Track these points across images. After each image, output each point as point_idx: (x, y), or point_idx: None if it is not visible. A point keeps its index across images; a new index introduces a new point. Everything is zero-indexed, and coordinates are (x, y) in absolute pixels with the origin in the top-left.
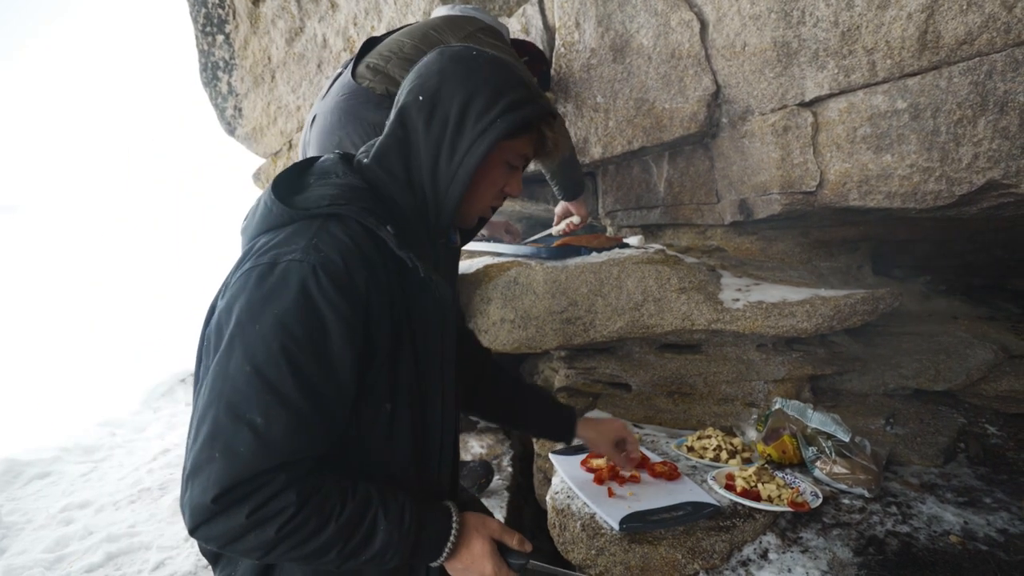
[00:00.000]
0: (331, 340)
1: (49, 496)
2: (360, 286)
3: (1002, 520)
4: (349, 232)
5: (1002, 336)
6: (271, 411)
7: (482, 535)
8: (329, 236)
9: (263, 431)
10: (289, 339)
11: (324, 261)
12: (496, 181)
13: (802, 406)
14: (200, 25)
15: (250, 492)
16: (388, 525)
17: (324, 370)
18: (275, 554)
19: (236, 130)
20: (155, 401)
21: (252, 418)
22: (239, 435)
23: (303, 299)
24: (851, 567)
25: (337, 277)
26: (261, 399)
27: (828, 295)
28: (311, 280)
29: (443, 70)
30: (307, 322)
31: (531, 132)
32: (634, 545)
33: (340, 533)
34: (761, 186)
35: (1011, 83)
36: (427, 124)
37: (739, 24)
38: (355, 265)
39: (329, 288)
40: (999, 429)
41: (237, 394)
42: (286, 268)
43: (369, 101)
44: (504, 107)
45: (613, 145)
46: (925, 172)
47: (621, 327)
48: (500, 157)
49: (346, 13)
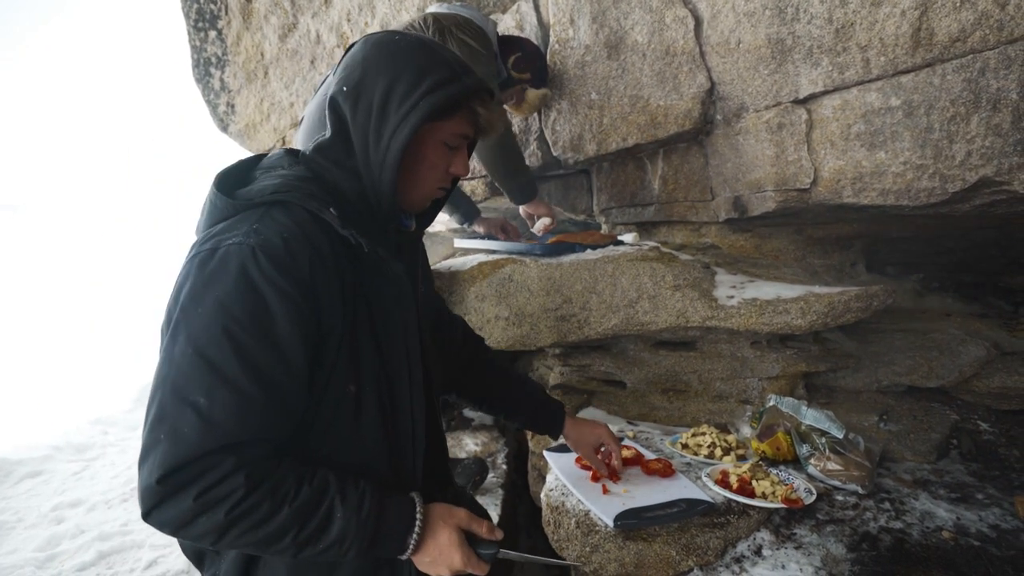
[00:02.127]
0: (275, 320)
1: (41, 495)
2: (303, 266)
3: (994, 516)
4: (293, 217)
5: (994, 333)
6: (214, 392)
7: (449, 525)
8: (271, 220)
9: (206, 412)
10: (231, 320)
11: (263, 243)
12: (435, 163)
13: (796, 403)
14: (192, 21)
15: (196, 474)
16: (345, 511)
17: (269, 350)
18: (228, 538)
19: (229, 127)
20: None
21: (195, 399)
22: (183, 417)
23: (243, 280)
24: (845, 563)
25: (277, 257)
26: (204, 380)
27: (822, 292)
28: (250, 261)
29: (366, 58)
30: (248, 303)
31: (461, 111)
32: (628, 542)
33: (295, 518)
34: (755, 183)
35: (1004, 80)
36: (353, 113)
37: (733, 21)
38: (297, 246)
39: (269, 268)
40: (991, 425)
41: (181, 377)
42: (226, 252)
43: None
44: (426, 88)
45: (607, 142)
46: (918, 169)
47: (616, 324)
48: (434, 138)
49: (339, 9)
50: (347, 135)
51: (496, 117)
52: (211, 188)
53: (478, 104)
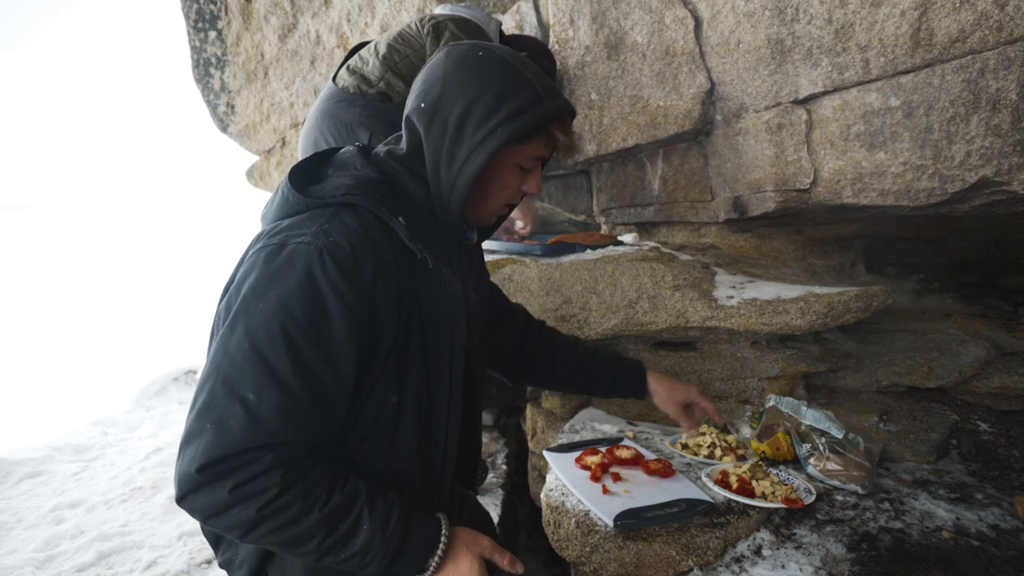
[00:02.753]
0: (332, 326)
1: (40, 495)
2: (366, 274)
3: (994, 516)
4: (361, 221)
5: (994, 333)
6: (265, 390)
7: (472, 553)
8: (340, 223)
9: (255, 409)
10: (290, 321)
11: (331, 246)
12: (508, 184)
13: (796, 403)
14: (192, 21)
15: (235, 467)
16: (372, 525)
17: (323, 355)
18: (255, 534)
19: (229, 127)
20: (148, 400)
21: (245, 394)
22: (231, 410)
23: (307, 282)
24: (844, 563)
25: (343, 262)
26: (256, 377)
27: (822, 292)
28: (316, 263)
29: (446, 74)
30: (309, 305)
31: (541, 135)
32: (628, 542)
33: (322, 523)
34: (755, 184)
35: (1003, 81)
36: (427, 131)
37: (733, 21)
38: (363, 253)
39: (334, 273)
40: (991, 426)
41: (234, 369)
42: (293, 250)
43: (343, 100)
44: (505, 116)
45: (607, 142)
46: (918, 170)
47: (615, 325)
48: (509, 162)
49: (339, 9)
50: (421, 151)
51: (575, 140)
52: (284, 181)
53: (558, 129)
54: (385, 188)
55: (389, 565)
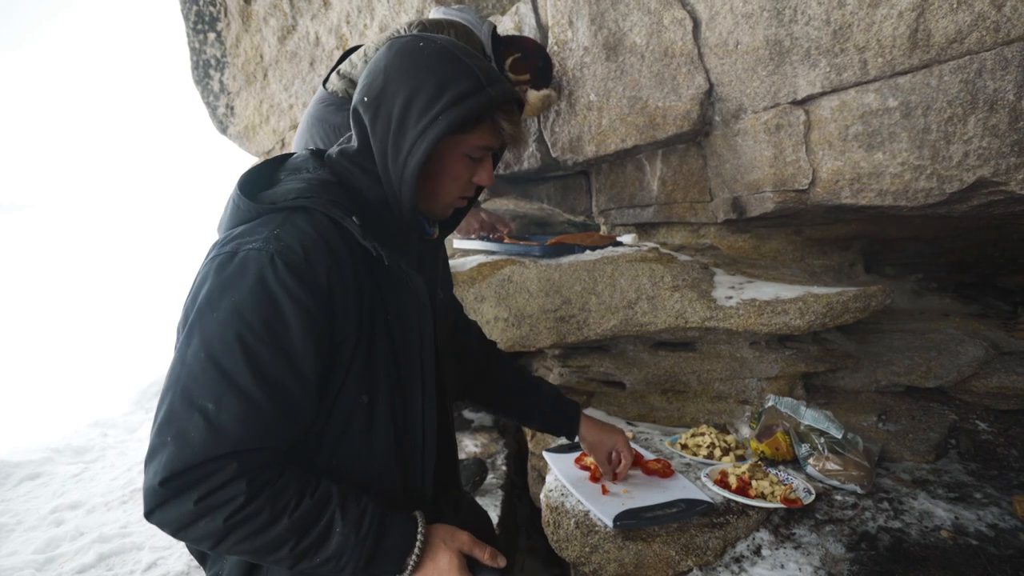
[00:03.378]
0: (289, 329)
1: (40, 497)
2: (320, 276)
3: (992, 515)
4: (314, 223)
5: (993, 333)
6: (223, 399)
7: (450, 548)
8: (292, 226)
9: (214, 418)
10: (245, 327)
11: (283, 249)
12: (457, 174)
13: (795, 403)
14: (191, 23)
15: (199, 479)
16: (345, 527)
17: (281, 359)
18: (226, 544)
19: (228, 129)
20: (147, 401)
21: (204, 404)
22: (191, 421)
23: (259, 288)
24: (843, 563)
25: (295, 266)
26: (214, 386)
27: (820, 292)
28: (268, 269)
29: (388, 66)
30: (263, 311)
31: (485, 123)
32: (628, 542)
33: (293, 529)
34: (754, 184)
35: (1000, 81)
36: (373, 124)
37: (731, 22)
38: (316, 255)
39: (287, 277)
40: (989, 425)
41: (192, 380)
42: (244, 257)
43: (333, 104)
44: (447, 102)
45: (606, 143)
46: (916, 170)
47: (615, 325)
48: (456, 151)
49: (339, 11)
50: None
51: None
52: (234, 189)
53: (502, 116)
54: (338, 189)
55: (365, 567)
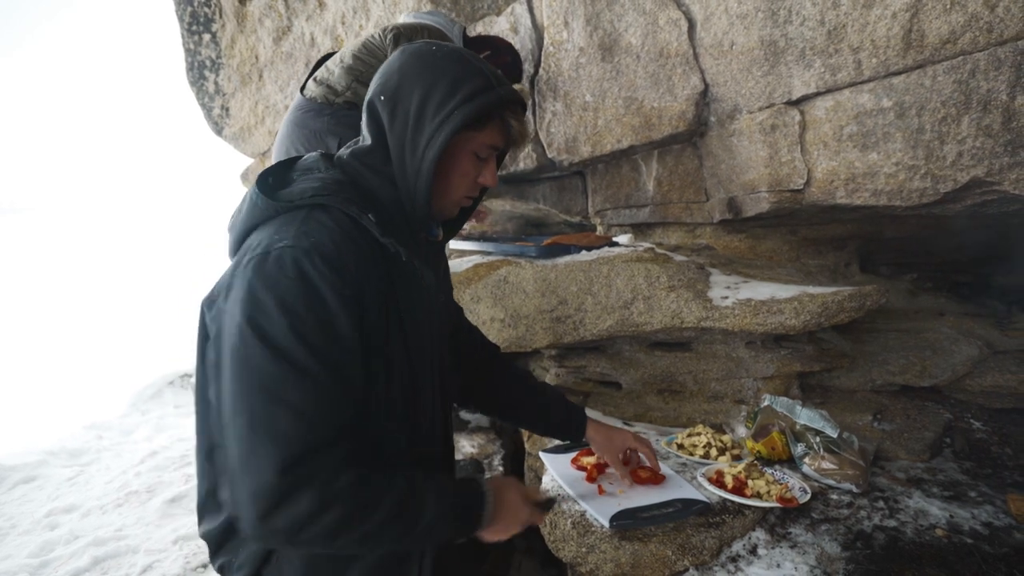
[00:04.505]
0: (335, 317)
1: (34, 501)
2: (351, 267)
3: (987, 513)
4: (334, 219)
5: (987, 332)
6: (304, 391)
7: (508, 485)
8: (316, 223)
9: (301, 409)
10: (298, 321)
11: (316, 244)
12: (466, 172)
13: (791, 403)
14: (186, 24)
15: (313, 472)
16: (434, 496)
17: (336, 345)
18: (343, 537)
19: (224, 130)
20: (143, 404)
21: (285, 398)
22: (279, 417)
23: (302, 282)
24: (839, 561)
25: (331, 258)
26: (290, 380)
27: (816, 292)
28: (307, 263)
29: (402, 67)
30: (311, 303)
31: (493, 121)
32: (624, 542)
33: (398, 507)
34: (749, 184)
35: (994, 82)
36: (391, 121)
37: (726, 23)
38: (345, 248)
39: (324, 269)
40: (984, 424)
41: (265, 377)
42: (279, 255)
43: (311, 110)
44: (461, 98)
45: (602, 144)
46: (910, 170)
47: (611, 325)
48: (466, 148)
49: (334, 12)
50: (385, 142)
51: (527, 129)
52: (253, 188)
53: (510, 115)
54: (352, 188)
55: (453, 524)
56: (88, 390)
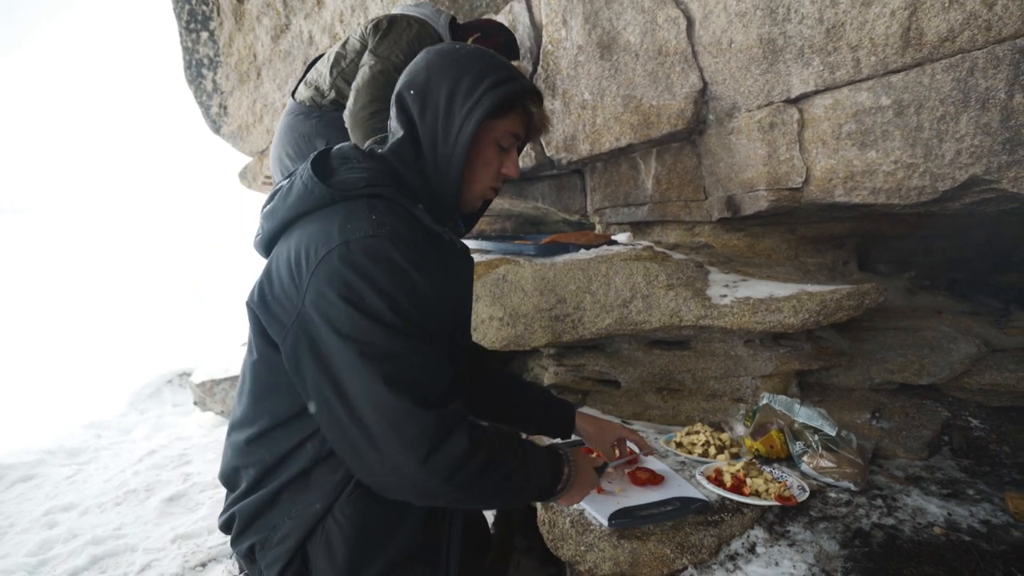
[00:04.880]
0: (424, 296)
1: (33, 499)
2: (423, 253)
3: (985, 511)
4: (394, 210)
5: (985, 330)
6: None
7: (579, 455)
8: (382, 213)
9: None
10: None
11: (394, 233)
12: (490, 161)
13: (789, 401)
14: (184, 22)
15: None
16: (539, 455)
17: (430, 319)
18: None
19: (222, 128)
20: (142, 403)
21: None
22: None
23: (395, 268)
24: (837, 559)
25: (408, 244)
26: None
27: (814, 290)
28: (394, 251)
29: (429, 64)
30: (404, 285)
31: (517, 110)
32: (623, 541)
33: (514, 454)
34: (748, 183)
35: (992, 80)
36: (421, 114)
37: (725, 21)
38: (417, 237)
39: (408, 253)
40: (982, 422)
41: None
42: (366, 245)
43: (300, 113)
44: (487, 86)
45: (601, 142)
46: (909, 168)
47: (610, 324)
48: (490, 136)
49: (332, 10)
50: (415, 134)
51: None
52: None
53: (532, 104)
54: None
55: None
56: (87, 389)
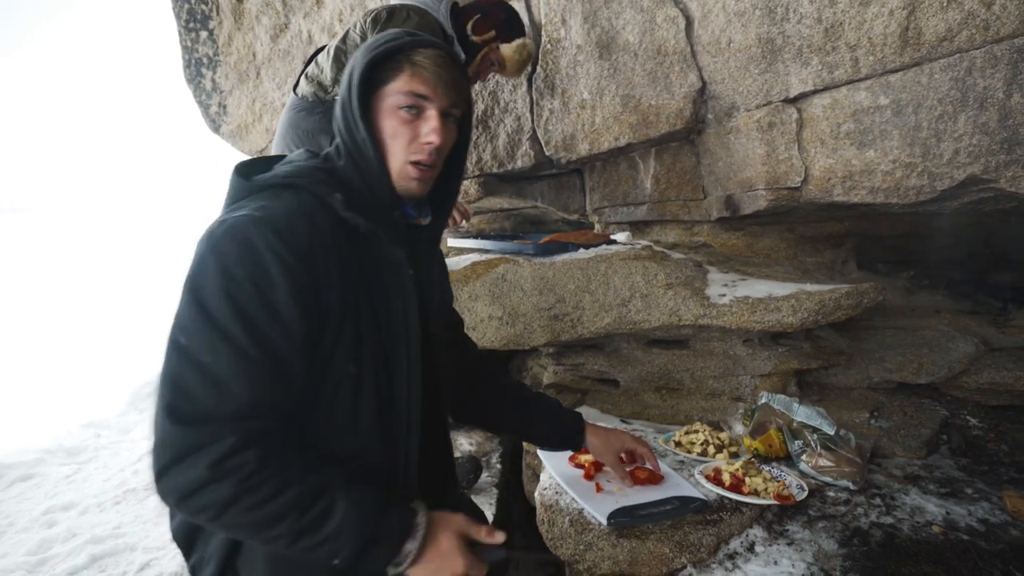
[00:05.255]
0: (276, 288)
1: (32, 498)
2: (303, 243)
3: (983, 510)
4: (300, 199)
5: (983, 330)
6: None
7: (450, 531)
8: (278, 199)
9: (213, 371)
10: (234, 286)
11: (267, 216)
12: (398, 131)
13: (788, 400)
14: (183, 21)
15: (210, 439)
16: (347, 505)
17: (270, 317)
18: (228, 515)
19: (221, 127)
20: (141, 402)
21: (202, 359)
22: (191, 377)
23: (245, 248)
24: (836, 558)
25: (280, 230)
26: (209, 342)
27: (813, 290)
28: (253, 231)
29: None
30: (250, 269)
31: (404, 68)
32: (622, 540)
33: (298, 502)
34: (747, 182)
35: (990, 79)
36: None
37: (724, 20)
38: (300, 223)
39: (272, 238)
40: (980, 421)
41: (188, 338)
42: (231, 224)
43: (303, 109)
44: (368, 51)
45: (600, 142)
46: (907, 167)
47: (609, 323)
48: (386, 104)
49: (331, 9)
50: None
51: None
52: (231, 174)
53: (420, 55)
54: (325, 173)
55: (363, 551)
56: (86, 388)
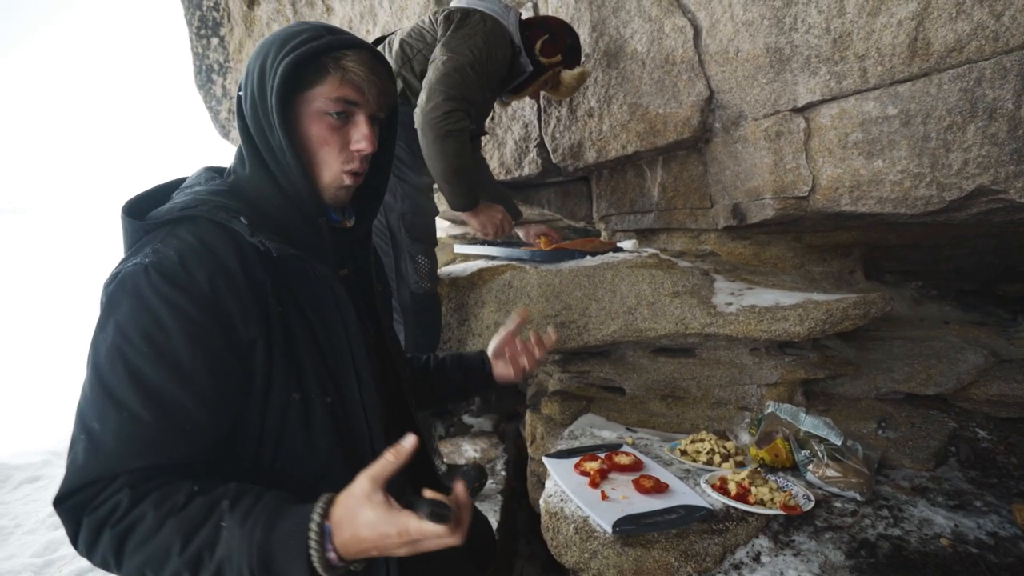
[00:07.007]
0: (172, 339)
1: (39, 500)
2: (201, 281)
3: (992, 523)
4: (197, 232)
5: (992, 341)
6: (106, 418)
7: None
8: (172, 237)
9: (98, 437)
10: (125, 343)
11: (157, 261)
12: (324, 139)
13: (795, 410)
14: (195, 28)
15: (86, 500)
16: (231, 522)
17: (165, 371)
18: (125, 561)
19: (231, 133)
20: None
21: (91, 425)
22: (79, 444)
23: (136, 301)
24: (843, 570)
25: (171, 274)
26: (99, 406)
27: (820, 299)
28: (142, 281)
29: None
30: (142, 323)
31: (331, 72)
32: (627, 548)
33: (179, 530)
34: (754, 191)
35: (999, 90)
36: (246, 109)
37: (732, 30)
38: (194, 261)
39: (162, 285)
40: (989, 433)
41: (85, 403)
42: (123, 275)
43: None
44: (284, 53)
45: (607, 150)
46: (916, 178)
47: (615, 331)
48: (310, 109)
49: (341, 16)
50: (250, 135)
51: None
52: (120, 215)
53: (348, 59)
54: (227, 195)
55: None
56: None
